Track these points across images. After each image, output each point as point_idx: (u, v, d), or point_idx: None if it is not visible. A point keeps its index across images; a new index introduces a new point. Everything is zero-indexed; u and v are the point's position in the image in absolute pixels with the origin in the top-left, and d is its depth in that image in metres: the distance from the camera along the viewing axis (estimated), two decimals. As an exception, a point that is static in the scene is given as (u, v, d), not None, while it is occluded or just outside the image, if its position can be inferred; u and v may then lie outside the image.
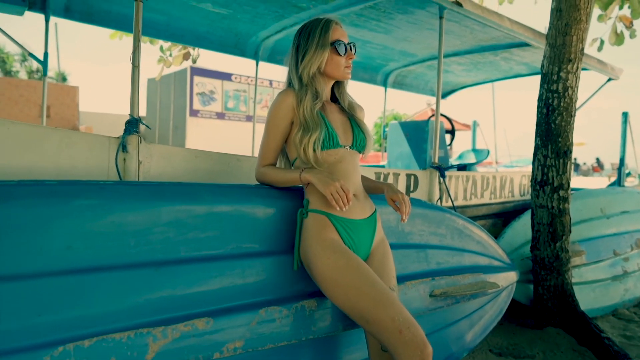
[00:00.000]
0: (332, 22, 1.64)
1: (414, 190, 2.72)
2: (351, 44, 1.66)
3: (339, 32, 1.64)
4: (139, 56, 1.66)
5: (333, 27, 1.63)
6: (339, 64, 1.64)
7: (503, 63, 4.82)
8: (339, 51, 1.62)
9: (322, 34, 1.61)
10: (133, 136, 1.64)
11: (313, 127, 1.57)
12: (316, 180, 1.51)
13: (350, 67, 1.66)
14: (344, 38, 1.65)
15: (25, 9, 3.10)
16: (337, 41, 1.62)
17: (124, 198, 1.32)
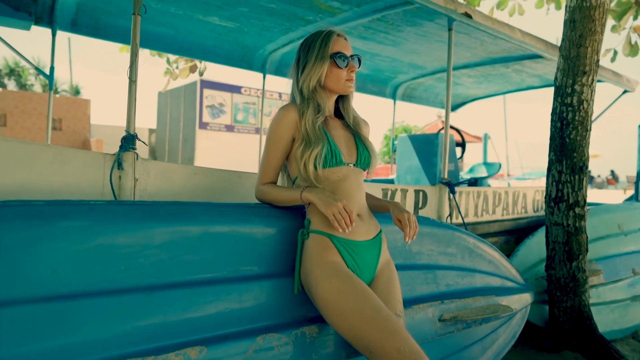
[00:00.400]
0: (333, 34, 1.58)
1: (423, 206, 2.63)
2: (355, 56, 1.60)
3: (340, 44, 1.58)
4: (136, 70, 1.61)
5: (334, 39, 1.57)
6: (340, 77, 1.57)
7: (514, 75, 4.74)
8: (338, 64, 1.55)
9: (322, 46, 1.55)
10: (129, 153, 1.58)
11: (315, 141, 1.50)
12: (317, 199, 1.44)
13: (352, 81, 1.59)
14: (345, 50, 1.58)
15: (31, 24, 3.10)
16: (337, 53, 1.56)
17: (114, 219, 1.25)
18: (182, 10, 3.33)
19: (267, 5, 3.20)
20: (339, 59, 1.55)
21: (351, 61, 1.58)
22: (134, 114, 1.62)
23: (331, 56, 1.56)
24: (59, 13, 3.26)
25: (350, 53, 1.59)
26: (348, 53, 1.58)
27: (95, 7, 3.35)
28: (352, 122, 1.68)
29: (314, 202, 1.46)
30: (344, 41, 1.59)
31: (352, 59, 1.59)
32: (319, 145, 1.50)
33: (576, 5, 2.69)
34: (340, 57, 1.55)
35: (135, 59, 1.59)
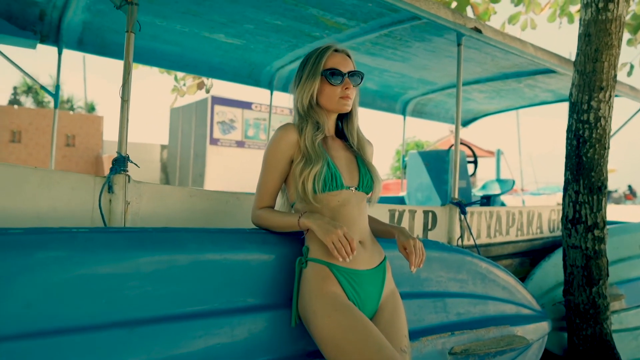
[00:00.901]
0: (329, 49, 1.50)
1: (432, 228, 2.52)
2: (353, 72, 1.51)
3: (336, 60, 1.50)
4: (128, 90, 1.55)
5: (328, 55, 1.49)
6: (332, 94, 1.49)
7: (527, 90, 4.63)
8: (330, 80, 1.47)
9: (315, 62, 1.48)
10: (120, 175, 1.51)
11: (315, 159, 1.41)
12: (316, 226, 1.35)
13: (348, 98, 1.50)
14: (342, 66, 1.50)
15: (37, 42, 3.10)
16: (330, 70, 1.47)
17: (96, 248, 1.18)
18: (188, 28, 3.30)
19: (273, 22, 3.16)
20: (331, 76, 1.47)
21: (347, 78, 1.49)
22: (126, 135, 1.56)
23: (322, 72, 1.48)
24: (65, 32, 3.26)
25: (348, 69, 1.50)
26: (345, 69, 1.50)
27: (102, 25, 3.34)
28: (356, 143, 1.59)
29: (312, 229, 1.37)
30: (342, 57, 1.51)
31: (350, 75, 1.50)
32: (319, 163, 1.41)
33: (591, 18, 2.59)
34: (332, 74, 1.47)
35: (127, 77, 1.53)
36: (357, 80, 1.51)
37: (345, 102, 1.50)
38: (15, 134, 10.71)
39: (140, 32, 3.37)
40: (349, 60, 1.53)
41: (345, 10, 2.88)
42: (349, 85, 1.49)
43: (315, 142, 1.45)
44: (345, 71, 1.49)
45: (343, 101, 1.50)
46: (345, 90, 1.49)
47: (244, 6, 2.91)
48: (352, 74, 1.50)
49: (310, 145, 1.44)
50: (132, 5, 1.54)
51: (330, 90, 1.49)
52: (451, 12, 2.63)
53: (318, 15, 2.99)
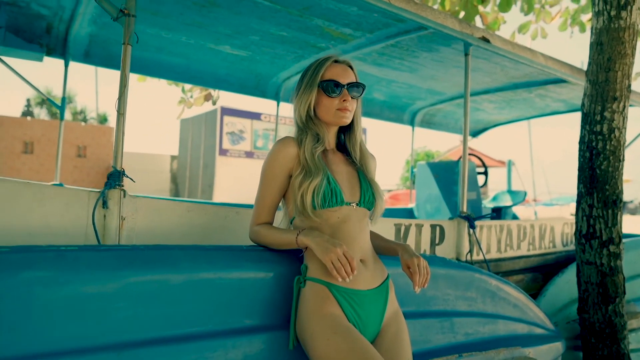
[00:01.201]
0: (328, 60, 1.46)
1: (440, 242, 2.44)
2: (352, 84, 1.45)
3: (335, 71, 1.45)
4: (125, 102, 1.52)
5: (327, 65, 1.44)
6: (330, 106, 1.44)
7: (538, 100, 4.54)
8: (327, 92, 1.42)
9: (314, 73, 1.43)
10: (115, 190, 1.47)
11: (315, 171, 1.36)
12: (314, 244, 1.29)
13: (346, 111, 1.45)
14: (341, 77, 1.45)
15: (43, 55, 3.11)
16: (327, 81, 1.43)
17: (84, 267, 1.13)
18: (194, 40, 3.29)
19: (278, 33, 3.14)
20: (327, 87, 1.42)
21: (345, 90, 1.44)
22: (122, 148, 1.52)
23: (319, 84, 1.43)
24: (71, 44, 3.27)
25: (348, 80, 1.45)
26: (344, 80, 1.45)
27: (108, 38, 3.35)
28: (359, 157, 1.54)
29: (310, 247, 1.31)
30: (342, 68, 1.47)
31: (349, 87, 1.45)
32: (319, 176, 1.36)
33: (603, 26, 2.52)
34: (329, 85, 1.42)
35: (124, 90, 1.50)
36: (357, 93, 1.46)
37: (343, 114, 1.45)
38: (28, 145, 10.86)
39: (146, 44, 3.42)
40: (349, 71, 1.48)
41: (351, 20, 2.84)
42: (347, 97, 1.44)
43: (314, 154, 1.41)
44: (344, 82, 1.44)
45: (341, 113, 1.44)
46: (343, 103, 1.43)
47: (249, 17, 2.89)
48: (352, 86, 1.45)
49: (309, 157, 1.39)
50: (129, 17, 1.52)
51: (327, 102, 1.44)
52: (458, 21, 2.58)
53: (323, 26, 2.96)
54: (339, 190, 1.39)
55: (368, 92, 4.57)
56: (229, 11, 2.80)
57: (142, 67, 3.71)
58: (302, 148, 1.41)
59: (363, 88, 1.48)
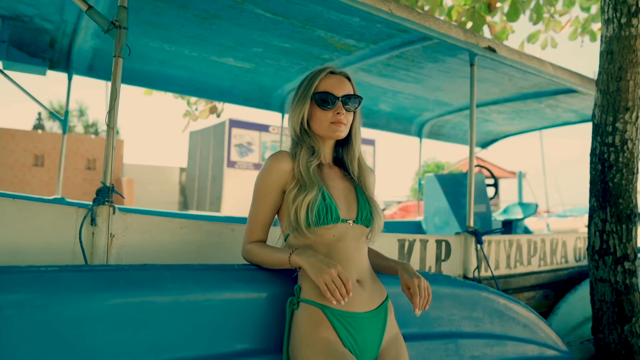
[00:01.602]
0: (324, 71, 1.40)
1: (445, 258, 2.36)
2: (347, 96, 1.39)
3: (330, 83, 1.39)
4: (115, 116, 1.47)
5: (322, 77, 1.39)
6: (323, 119, 1.38)
7: (549, 110, 4.45)
8: (319, 104, 1.37)
9: (308, 85, 1.38)
10: (104, 207, 1.42)
11: (309, 185, 1.30)
12: (308, 265, 1.22)
13: (340, 124, 1.39)
14: (336, 89, 1.39)
15: (46, 69, 3.11)
16: (321, 92, 1.37)
17: (63, 289, 1.08)
18: (197, 52, 3.28)
19: (281, 45, 3.11)
20: (320, 99, 1.36)
21: (339, 102, 1.38)
22: (112, 163, 1.47)
23: (312, 96, 1.38)
24: (75, 58, 3.27)
25: (343, 93, 1.39)
26: (339, 92, 1.39)
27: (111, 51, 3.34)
28: (357, 172, 1.47)
29: (303, 267, 1.24)
30: (338, 79, 1.41)
31: (344, 99, 1.39)
32: (314, 190, 1.30)
33: (613, 35, 2.44)
34: (323, 97, 1.36)
35: (114, 103, 1.46)
36: (353, 105, 1.40)
37: (336, 128, 1.39)
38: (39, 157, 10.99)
39: (150, 57, 3.41)
40: (346, 83, 1.42)
41: (354, 31, 2.80)
42: (341, 110, 1.38)
43: (309, 168, 1.35)
44: (338, 94, 1.38)
45: (334, 127, 1.39)
46: (337, 116, 1.37)
47: (251, 29, 2.86)
48: (347, 98, 1.39)
49: (304, 171, 1.33)
50: (120, 29, 1.48)
51: (321, 114, 1.38)
52: (463, 31, 2.52)
53: (326, 37, 2.92)
54: (335, 206, 1.33)
55: (374, 104, 4.52)
56: (230, 23, 2.78)
57: (146, 80, 3.71)
58: (296, 161, 1.35)
59: (360, 100, 1.42)
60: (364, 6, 2.25)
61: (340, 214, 1.34)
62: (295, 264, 1.27)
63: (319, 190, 1.31)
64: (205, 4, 2.54)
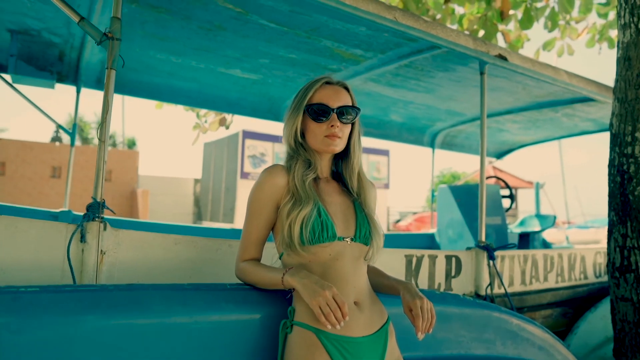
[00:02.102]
0: (318, 82, 1.34)
1: (456, 275, 2.26)
2: (343, 108, 1.32)
3: (324, 94, 1.33)
4: (107, 129, 1.43)
5: (316, 87, 1.33)
6: (316, 132, 1.32)
7: (565, 120, 4.32)
8: (312, 117, 1.30)
9: (303, 95, 1.32)
10: (94, 223, 1.38)
11: (305, 199, 1.23)
12: (301, 286, 1.15)
13: (335, 137, 1.32)
14: (331, 100, 1.32)
15: (54, 82, 3.13)
16: (314, 104, 1.31)
17: (41, 311, 1.02)
18: (204, 64, 3.27)
19: (288, 55, 3.07)
20: (313, 111, 1.30)
21: (334, 114, 1.31)
22: (102, 178, 1.43)
23: (306, 108, 1.32)
24: (83, 71, 3.28)
25: (339, 104, 1.33)
26: (334, 104, 1.32)
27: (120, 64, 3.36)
28: (356, 187, 1.40)
29: (296, 289, 1.17)
30: (334, 90, 1.35)
31: (340, 111, 1.32)
32: (309, 205, 1.23)
33: (630, 40, 2.33)
34: (316, 109, 1.30)
35: (106, 116, 1.42)
36: (349, 117, 1.33)
37: (330, 141, 1.32)
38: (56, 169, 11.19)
39: (157, 70, 3.41)
40: (342, 93, 1.35)
41: (361, 41, 2.75)
42: (336, 122, 1.31)
43: (305, 181, 1.28)
44: (333, 106, 1.32)
45: (328, 141, 1.32)
46: (331, 129, 1.31)
47: (256, 40, 2.83)
48: (343, 110, 1.32)
49: (299, 184, 1.27)
50: (113, 40, 1.45)
51: (315, 127, 1.32)
52: (472, 39, 2.44)
53: (333, 47, 2.87)
54: (331, 223, 1.26)
55: (385, 114, 4.45)
56: (235, 34, 2.75)
57: (155, 93, 3.71)
58: (291, 175, 1.29)
59: (357, 112, 1.36)
60: (369, 15, 2.19)
61: (336, 231, 1.27)
62: (288, 285, 1.20)
63: (315, 206, 1.25)
64: (209, 15, 2.52)
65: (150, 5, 2.44)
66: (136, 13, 2.53)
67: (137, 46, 3.06)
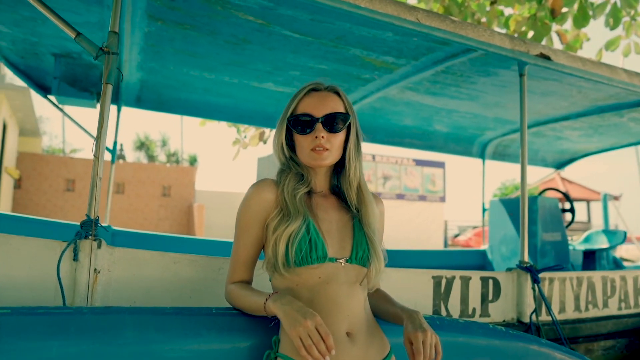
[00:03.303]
0: (304, 89, 1.23)
1: (494, 299, 2.02)
2: (329, 116, 1.19)
3: (308, 102, 1.22)
4: (103, 145, 1.40)
5: (300, 97, 1.22)
6: (303, 144, 1.21)
7: (633, 125, 3.89)
8: (295, 129, 1.19)
9: (287, 106, 1.21)
10: (86, 241, 1.34)
11: (293, 215, 1.12)
12: (282, 314, 1.03)
13: (322, 150, 1.19)
14: (315, 109, 1.20)
15: (96, 102, 3.25)
16: (297, 115, 1.19)
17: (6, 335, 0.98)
18: (237, 79, 3.27)
19: (318, 66, 3.00)
20: (295, 123, 1.18)
21: (319, 124, 1.19)
22: (98, 195, 1.40)
23: (288, 120, 1.20)
24: (124, 91, 3.39)
25: (325, 112, 1.20)
26: (320, 112, 1.20)
27: (157, 82, 3.44)
28: (355, 201, 1.26)
29: (278, 316, 1.05)
30: (320, 97, 1.23)
31: (325, 120, 1.19)
32: (297, 221, 1.11)
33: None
34: (297, 120, 1.18)
35: (100, 132, 1.39)
36: (337, 126, 1.20)
37: (316, 155, 1.19)
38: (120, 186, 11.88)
39: (193, 86, 3.45)
40: (330, 100, 1.23)
41: (390, 48, 2.61)
42: (321, 132, 1.18)
43: (296, 195, 1.16)
44: (319, 115, 1.19)
45: (314, 154, 1.19)
46: (316, 140, 1.18)
47: (283, 52, 2.78)
48: (329, 119, 1.19)
49: (289, 198, 1.15)
50: (109, 54, 1.43)
51: (300, 140, 1.21)
52: (509, 38, 2.23)
53: (362, 56, 2.76)
54: (321, 241, 1.13)
55: (428, 124, 4.24)
56: (262, 47, 2.72)
57: (193, 109, 3.76)
58: (280, 188, 1.18)
59: (347, 118, 1.23)
60: (390, 18, 2.06)
61: (327, 251, 1.13)
62: (270, 312, 1.08)
63: (304, 222, 1.13)
64: (232, 29, 2.50)
65: (174, 22, 2.46)
66: (163, 30, 2.56)
67: (170, 64, 3.11)
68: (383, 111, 3.89)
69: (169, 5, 2.27)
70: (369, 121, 4.08)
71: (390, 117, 4.06)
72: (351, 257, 1.16)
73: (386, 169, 12.91)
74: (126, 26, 2.47)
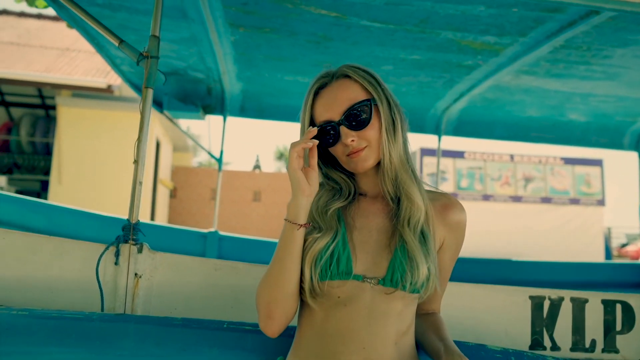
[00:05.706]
0: (311, 92, 1.03)
1: (623, 330, 1.53)
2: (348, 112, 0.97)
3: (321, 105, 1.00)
4: (143, 150, 1.40)
5: (310, 102, 1.02)
6: (337, 154, 1.02)
7: None
8: (322, 142, 0.98)
9: (302, 117, 1.02)
10: (126, 245, 1.35)
11: (325, 228, 0.96)
12: None
13: (359, 154, 0.98)
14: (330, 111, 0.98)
15: (200, 113, 3.45)
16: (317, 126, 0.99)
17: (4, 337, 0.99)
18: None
19: (410, 57, 2.75)
20: (320, 136, 0.97)
21: (342, 127, 0.97)
22: (139, 200, 1.40)
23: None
24: (228, 102, 3.55)
25: (343, 107, 0.97)
26: (336, 111, 0.97)
27: (258, 91, 3.54)
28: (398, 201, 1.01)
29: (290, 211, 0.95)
30: (329, 92, 1.00)
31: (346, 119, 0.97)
32: (329, 234, 0.94)
33: None
34: (321, 133, 0.98)
35: (142, 135, 1.39)
36: (362, 119, 0.97)
37: (354, 160, 0.99)
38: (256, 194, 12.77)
39: (291, 92, 3.46)
40: (343, 90, 0.99)
41: (487, 25, 2.25)
42: (350, 136, 0.96)
43: (327, 211, 0.98)
44: (336, 117, 0.97)
45: (351, 160, 0.99)
46: (347, 147, 0.98)
47: (368, 46, 2.61)
48: (350, 115, 0.96)
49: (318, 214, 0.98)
50: (149, 59, 1.42)
51: (332, 150, 1.02)
52: (642, -11, 1.71)
53: (456, 39, 2.43)
54: (347, 254, 0.92)
55: (559, 114, 3.61)
56: (344, 43, 2.58)
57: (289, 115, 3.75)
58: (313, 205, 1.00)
59: (370, 102, 0.98)
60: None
61: (353, 267, 0.92)
62: (291, 217, 0.94)
63: (334, 236, 0.94)
64: (309, 26, 2.41)
65: (254, 27, 2.46)
66: (247, 37, 2.59)
67: (264, 71, 3.16)
68: (498, 102, 3.42)
69: (243, 10, 2.27)
70: (483, 115, 3.63)
71: (508, 108, 3.55)
72: (386, 277, 0.93)
73: (528, 169, 11.57)
74: (213, 37, 2.54)
